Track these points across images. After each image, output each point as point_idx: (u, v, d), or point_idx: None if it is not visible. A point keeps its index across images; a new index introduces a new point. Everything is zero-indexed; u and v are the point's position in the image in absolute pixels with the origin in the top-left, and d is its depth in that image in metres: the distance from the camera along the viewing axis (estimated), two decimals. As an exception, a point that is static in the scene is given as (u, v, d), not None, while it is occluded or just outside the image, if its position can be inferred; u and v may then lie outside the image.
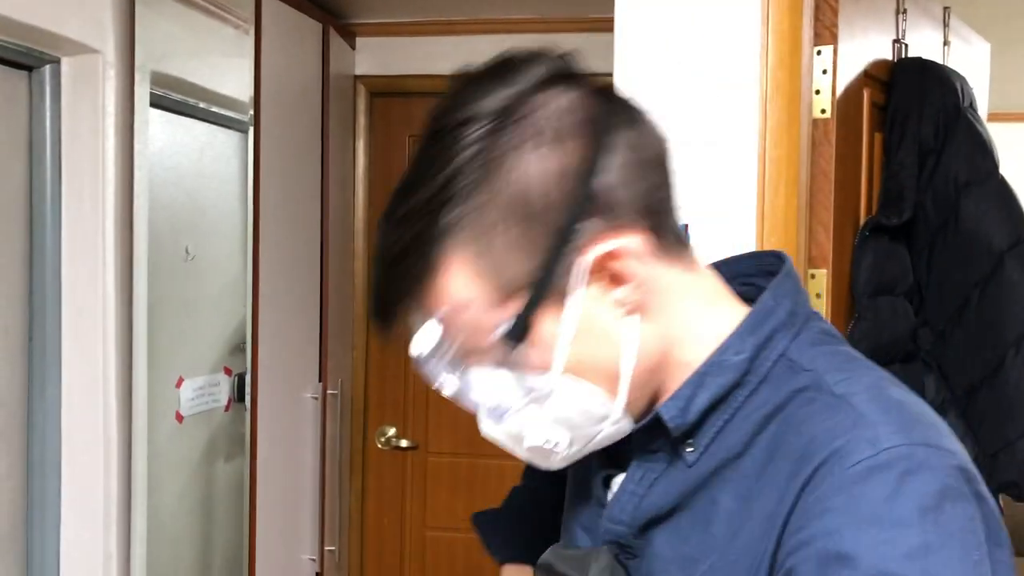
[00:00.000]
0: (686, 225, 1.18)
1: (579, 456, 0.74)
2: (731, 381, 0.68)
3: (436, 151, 0.67)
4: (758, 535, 0.64)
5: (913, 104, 1.61)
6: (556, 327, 0.67)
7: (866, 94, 1.55)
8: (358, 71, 3.09)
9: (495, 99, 0.65)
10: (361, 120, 3.14)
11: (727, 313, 0.71)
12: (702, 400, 0.68)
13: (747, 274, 0.77)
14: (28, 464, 1.87)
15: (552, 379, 0.68)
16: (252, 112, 2.33)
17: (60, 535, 1.89)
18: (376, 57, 3.09)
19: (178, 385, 2.16)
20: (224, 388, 2.34)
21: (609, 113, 0.67)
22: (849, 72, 1.46)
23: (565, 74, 0.68)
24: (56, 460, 1.88)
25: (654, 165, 0.69)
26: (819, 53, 1.31)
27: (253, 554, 2.37)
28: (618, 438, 0.72)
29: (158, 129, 2.02)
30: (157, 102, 1.99)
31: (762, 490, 0.65)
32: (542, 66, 0.67)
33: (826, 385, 0.65)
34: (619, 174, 0.66)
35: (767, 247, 1.17)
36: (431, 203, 0.66)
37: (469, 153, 0.65)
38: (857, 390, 0.64)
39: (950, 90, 1.64)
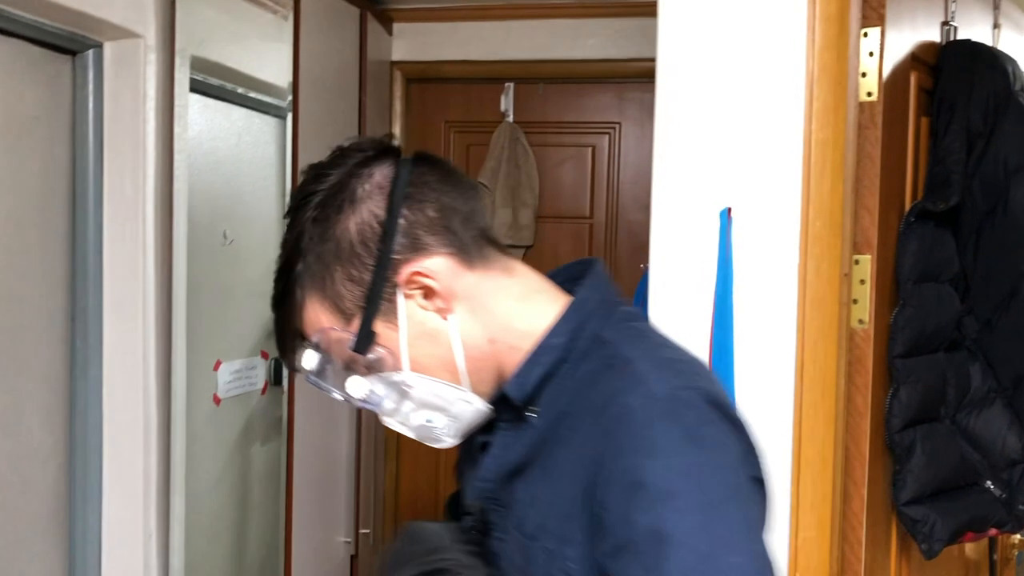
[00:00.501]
0: (728, 209, 1.17)
1: (461, 433, 0.94)
2: (556, 358, 0.88)
3: (292, 220, 0.92)
4: (575, 472, 0.84)
5: (962, 88, 1.58)
6: (393, 334, 0.89)
7: (913, 77, 1.52)
8: (394, 57, 3.09)
9: (327, 179, 0.90)
10: (397, 106, 3.14)
11: (547, 305, 0.92)
12: (535, 375, 0.89)
13: (575, 277, 0.96)
14: (71, 444, 1.90)
15: (406, 376, 0.90)
16: (291, 98, 2.33)
17: (102, 514, 1.92)
18: (413, 43, 3.08)
19: (215, 368, 2.18)
20: (260, 371, 2.37)
21: (414, 174, 0.90)
22: (896, 55, 1.43)
23: (383, 152, 0.92)
24: (98, 440, 1.91)
25: (454, 206, 0.91)
26: (865, 35, 1.28)
27: (289, 535, 2.39)
28: (482, 416, 0.93)
29: (196, 114, 2.03)
30: (196, 87, 2.00)
31: (579, 438, 0.85)
32: (364, 151, 0.92)
33: (620, 353, 0.86)
34: (419, 216, 0.89)
35: (812, 231, 1.15)
36: (288, 259, 0.92)
37: (309, 220, 0.90)
38: (639, 355, 0.86)
39: (1000, 73, 1.60)
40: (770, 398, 1.16)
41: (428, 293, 0.89)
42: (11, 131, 1.71)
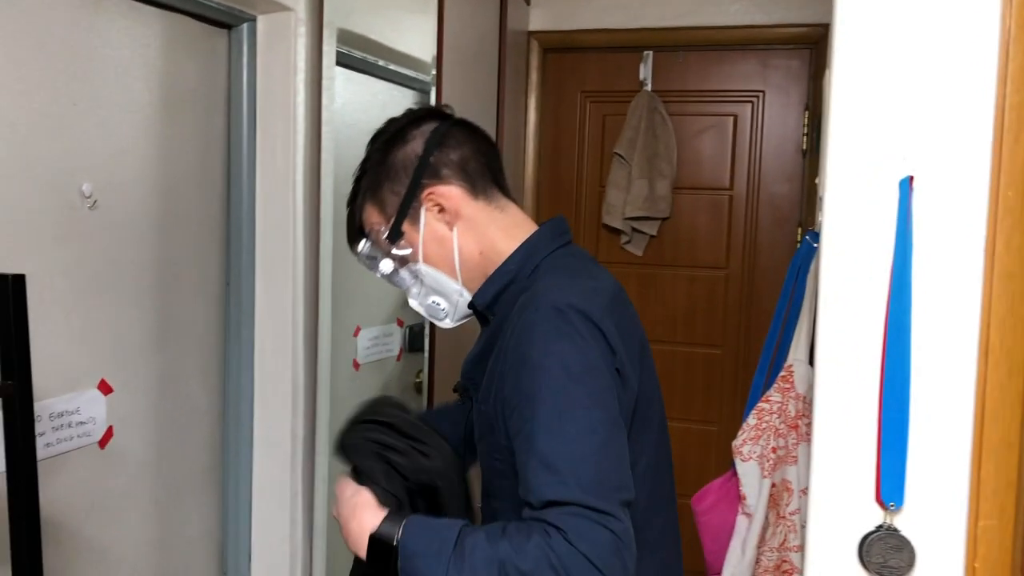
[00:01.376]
0: (910, 178, 1.10)
1: (457, 318, 1.33)
2: (507, 280, 1.25)
3: (368, 150, 1.33)
4: (500, 358, 1.18)
5: None
6: (415, 234, 1.28)
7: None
8: (532, 27, 3.07)
9: (394, 126, 1.31)
10: (533, 76, 3.12)
11: (520, 238, 1.28)
12: (491, 291, 1.26)
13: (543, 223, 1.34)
14: (224, 403, 1.99)
15: (420, 266, 1.30)
16: (435, 72, 2.35)
17: (252, 470, 2.00)
18: (550, 12, 3.06)
19: (355, 334, 2.24)
20: (396, 338, 2.41)
21: (449, 130, 1.29)
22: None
23: (434, 114, 1.32)
24: (249, 401, 1.99)
25: (472, 155, 1.29)
26: (1061, -10, 1.18)
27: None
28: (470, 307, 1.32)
29: (340, 86, 2.07)
30: (340, 60, 2.03)
31: (506, 335, 1.18)
32: (421, 111, 1.33)
33: (541, 279, 1.21)
34: (444, 157, 1.27)
35: (1003, 202, 1.07)
36: (360, 174, 1.32)
37: (376, 150, 1.31)
38: (547, 280, 1.20)
39: None
40: (950, 378, 1.10)
41: (441, 209, 1.27)
42: (172, 103, 1.78)
